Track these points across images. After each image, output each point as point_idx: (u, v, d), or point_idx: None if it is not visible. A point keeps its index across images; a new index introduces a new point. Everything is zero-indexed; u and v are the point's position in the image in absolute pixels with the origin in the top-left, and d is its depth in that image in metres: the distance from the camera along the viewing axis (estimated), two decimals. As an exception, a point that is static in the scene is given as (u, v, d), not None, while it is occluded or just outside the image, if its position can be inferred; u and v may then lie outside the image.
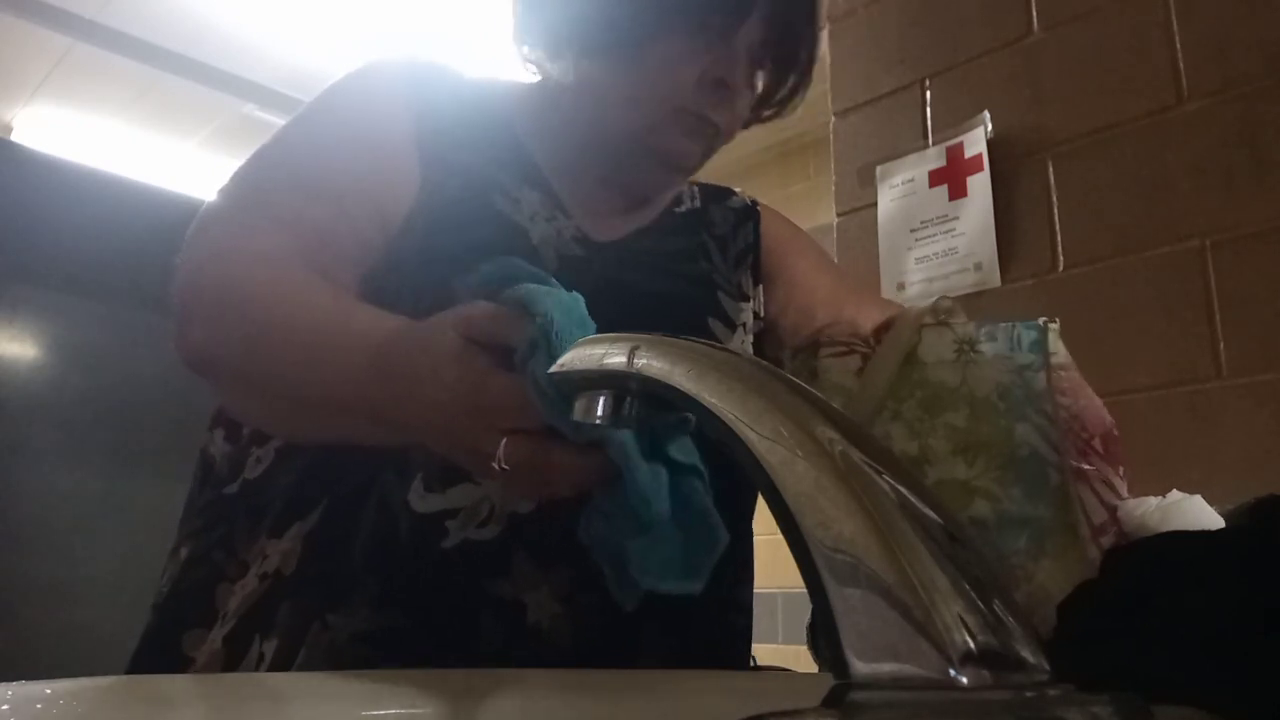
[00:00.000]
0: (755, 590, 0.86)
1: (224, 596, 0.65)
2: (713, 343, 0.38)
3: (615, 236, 0.79)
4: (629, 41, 0.72)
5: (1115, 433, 0.75)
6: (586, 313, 0.49)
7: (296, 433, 0.66)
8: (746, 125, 0.82)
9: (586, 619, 0.64)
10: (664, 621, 0.68)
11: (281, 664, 0.60)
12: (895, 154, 1.43)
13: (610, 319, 0.48)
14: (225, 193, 0.69)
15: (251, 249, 0.65)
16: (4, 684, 0.35)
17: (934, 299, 0.75)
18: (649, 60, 0.72)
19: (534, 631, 0.62)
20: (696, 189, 0.89)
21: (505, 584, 0.62)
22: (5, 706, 0.33)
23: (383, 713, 0.40)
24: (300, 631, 0.60)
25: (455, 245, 0.68)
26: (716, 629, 0.75)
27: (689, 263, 0.82)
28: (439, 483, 0.63)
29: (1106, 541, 0.69)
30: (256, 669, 0.61)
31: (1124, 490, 0.73)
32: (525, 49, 0.78)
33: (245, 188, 0.70)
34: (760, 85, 0.79)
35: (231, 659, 0.62)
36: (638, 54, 0.72)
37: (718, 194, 0.90)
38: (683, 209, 0.86)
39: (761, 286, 0.87)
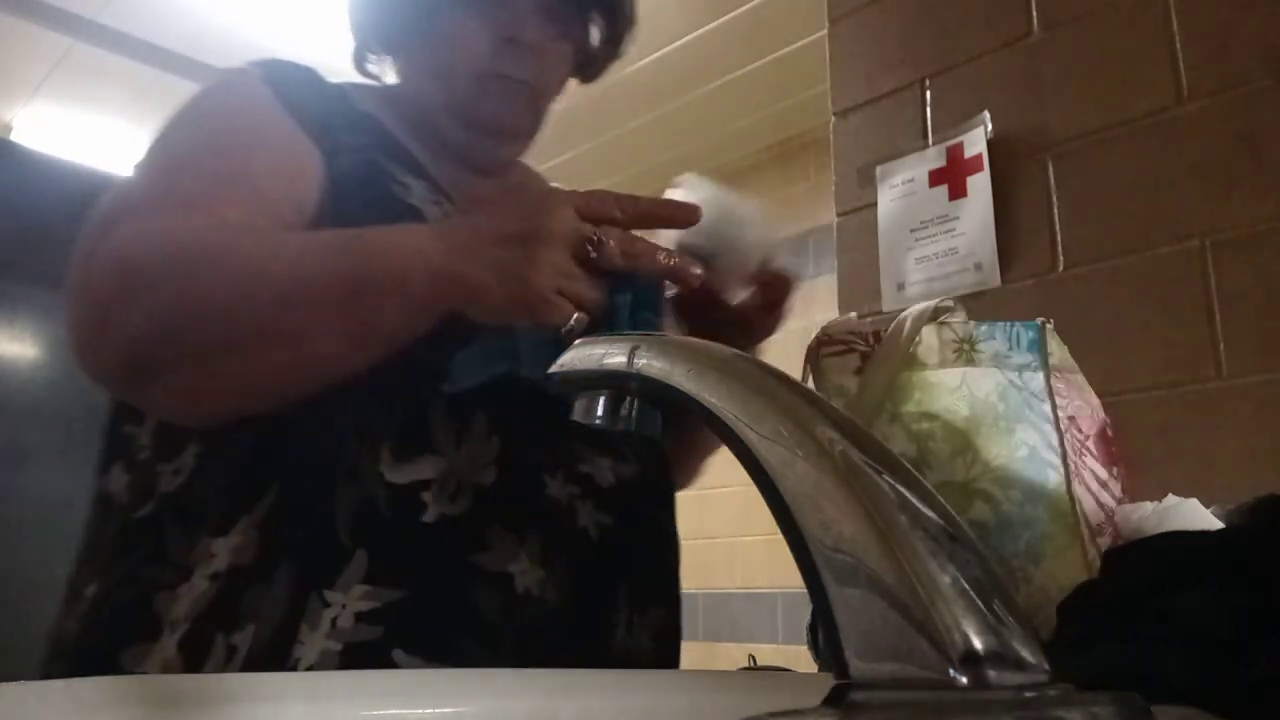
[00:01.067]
0: (755, 590, 0.90)
1: (166, 604, 0.62)
2: (713, 342, 0.38)
3: None
4: (418, 29, 0.79)
5: (1110, 432, 0.75)
6: None
7: (260, 384, 0.63)
8: (590, 78, 0.89)
9: (566, 577, 0.67)
10: (632, 575, 0.72)
11: (266, 647, 0.59)
12: (895, 154, 1.43)
13: None
14: (121, 197, 0.67)
15: (175, 230, 0.62)
16: (4, 684, 0.35)
17: (935, 300, 0.75)
18: (440, 39, 0.79)
19: (525, 598, 0.65)
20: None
21: (489, 557, 0.64)
22: (5, 706, 0.33)
23: (383, 713, 0.40)
24: (294, 611, 0.60)
25: (363, 224, 0.67)
26: (660, 569, 0.79)
27: None
28: (406, 451, 0.65)
29: (1103, 542, 0.69)
30: (227, 663, 0.60)
31: (1119, 490, 0.73)
32: (360, 62, 0.86)
33: (148, 188, 0.68)
34: (582, 35, 0.85)
35: (192, 662, 0.60)
36: (430, 37, 0.79)
37: None
38: None
39: None
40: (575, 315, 0.58)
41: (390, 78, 0.86)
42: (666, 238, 0.72)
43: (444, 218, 0.74)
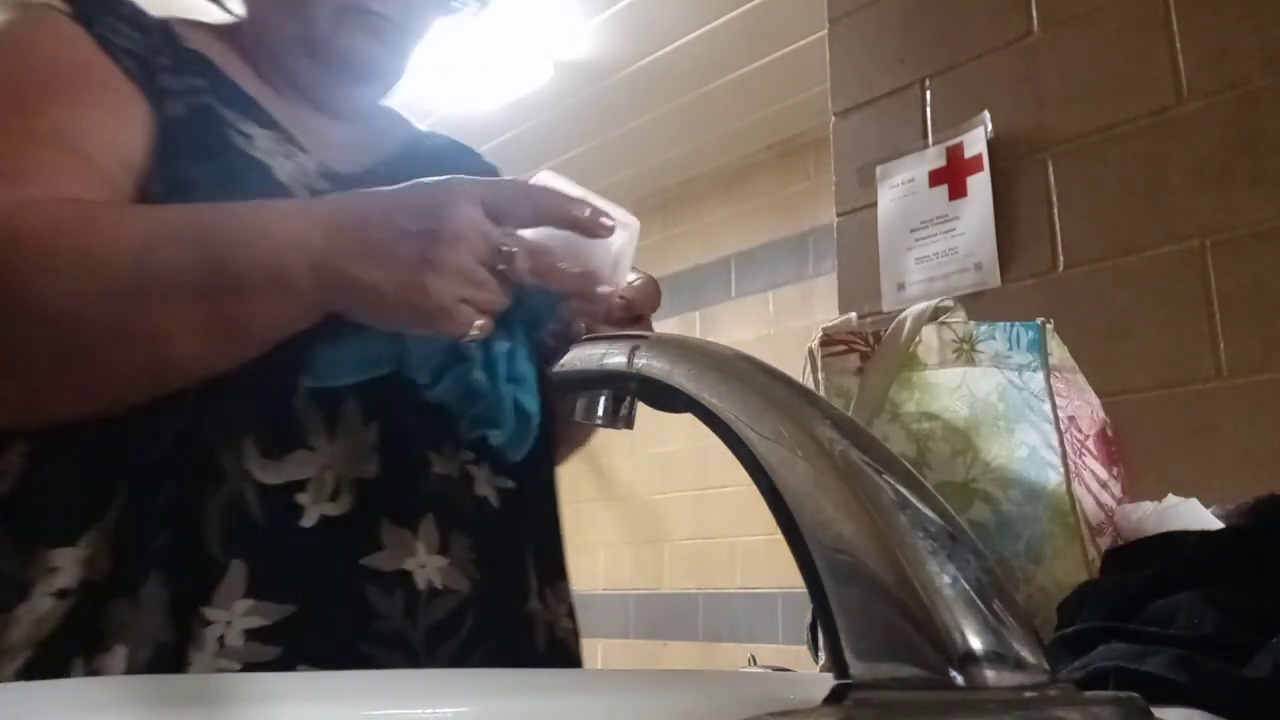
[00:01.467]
0: (755, 590, 0.87)
1: (1, 628, 0.54)
2: (713, 342, 0.38)
3: (359, 169, 0.73)
4: None
5: (1109, 432, 0.75)
6: None
7: (105, 390, 0.56)
8: (463, 19, 0.82)
9: (471, 557, 0.63)
10: (537, 541, 0.70)
11: (150, 669, 0.53)
12: (895, 154, 1.43)
13: None
14: None
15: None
16: (4, 684, 0.35)
17: (935, 300, 0.76)
18: None
19: (430, 592, 0.60)
20: (438, 135, 0.88)
21: (382, 557, 0.59)
22: (5, 706, 0.33)
23: (383, 713, 0.40)
24: (177, 629, 0.54)
25: (201, 179, 0.61)
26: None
27: None
28: (275, 446, 0.58)
29: (1104, 542, 0.69)
30: None
31: (1119, 490, 0.73)
32: None
33: None
34: None
35: None
36: None
37: (464, 149, 0.88)
38: (425, 146, 0.84)
39: None
40: (476, 324, 0.54)
41: (237, 7, 0.77)
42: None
43: (299, 171, 0.67)
